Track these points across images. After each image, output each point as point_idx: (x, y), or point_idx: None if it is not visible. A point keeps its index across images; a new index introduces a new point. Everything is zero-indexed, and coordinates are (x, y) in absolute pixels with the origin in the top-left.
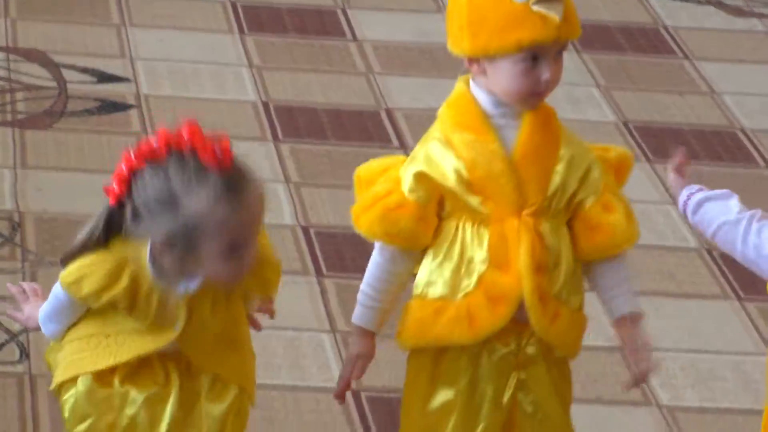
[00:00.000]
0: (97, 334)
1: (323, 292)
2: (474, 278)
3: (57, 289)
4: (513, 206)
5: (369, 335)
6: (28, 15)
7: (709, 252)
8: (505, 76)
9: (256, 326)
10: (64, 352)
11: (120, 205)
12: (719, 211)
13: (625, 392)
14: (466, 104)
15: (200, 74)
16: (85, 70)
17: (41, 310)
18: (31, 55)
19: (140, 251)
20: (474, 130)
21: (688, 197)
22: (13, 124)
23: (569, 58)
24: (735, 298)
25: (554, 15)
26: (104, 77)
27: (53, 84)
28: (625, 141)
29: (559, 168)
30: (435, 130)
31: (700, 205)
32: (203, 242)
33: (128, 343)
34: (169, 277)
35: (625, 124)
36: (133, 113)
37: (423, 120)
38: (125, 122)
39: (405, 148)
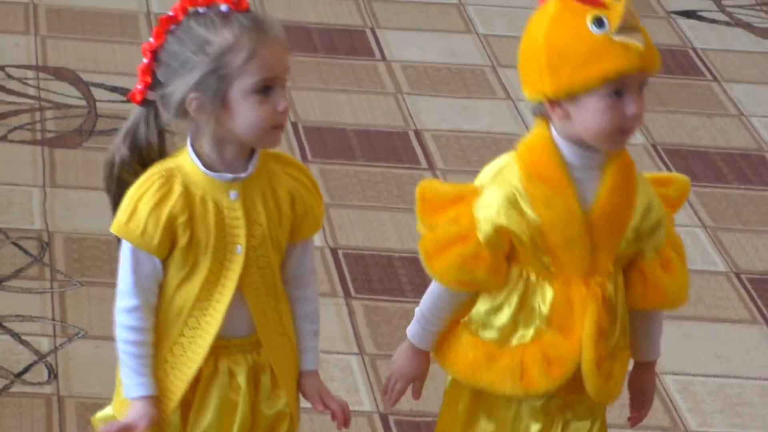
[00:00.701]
0: (163, 342)
1: (351, 314)
2: (531, 331)
3: (121, 258)
4: (582, 270)
5: (423, 355)
6: (58, 33)
7: (738, 276)
8: (590, 113)
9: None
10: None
11: (146, 105)
12: None
13: (655, 418)
14: (546, 153)
15: None
16: (114, 89)
17: (117, 297)
18: (61, 74)
19: (181, 157)
20: (553, 183)
21: None
22: (43, 142)
23: None
24: (764, 323)
25: (637, 43)
26: None
27: (82, 102)
28: (654, 163)
29: (633, 224)
30: (513, 175)
31: None
32: (234, 81)
33: (202, 323)
34: (215, 160)
35: (654, 147)
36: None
37: (451, 141)
38: None
39: (433, 169)
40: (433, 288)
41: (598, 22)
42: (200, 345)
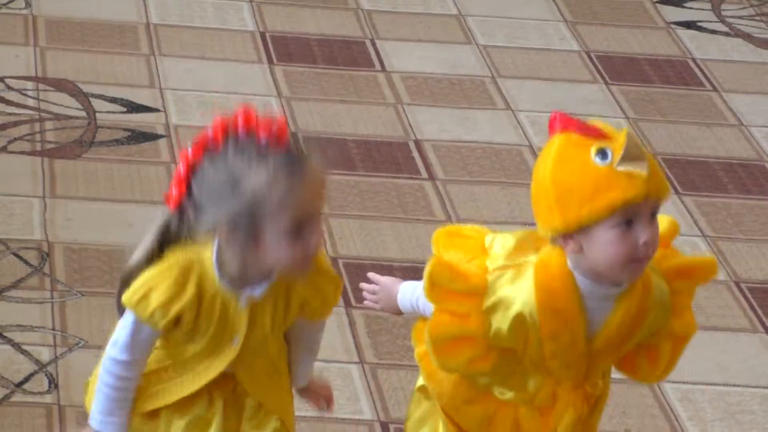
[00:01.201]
0: (152, 372)
1: (352, 324)
2: (511, 395)
3: (125, 318)
4: (574, 383)
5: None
6: (57, 45)
7: (738, 285)
8: (601, 244)
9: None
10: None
11: (179, 210)
12: None
13: (655, 426)
14: (563, 284)
15: (229, 104)
16: (114, 100)
17: (110, 344)
18: (61, 85)
19: (204, 253)
20: (565, 318)
21: None
22: (43, 153)
23: (597, 89)
24: (764, 332)
25: (641, 171)
26: (133, 107)
27: (82, 114)
28: None
29: (634, 341)
30: (528, 297)
31: None
32: (267, 221)
33: (186, 377)
34: (235, 277)
35: (654, 157)
36: (163, 143)
37: (452, 151)
38: (155, 152)
39: (433, 179)
40: (429, 312)
41: (602, 154)
42: (184, 388)
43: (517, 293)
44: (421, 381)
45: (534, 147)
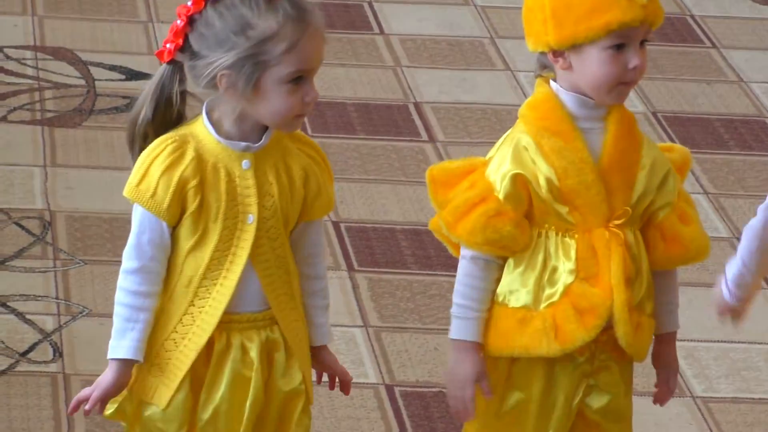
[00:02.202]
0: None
1: (355, 288)
2: (559, 288)
3: (133, 213)
4: (601, 217)
5: (474, 350)
6: (55, 13)
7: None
8: (592, 64)
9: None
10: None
11: (173, 64)
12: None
13: (643, 381)
14: (551, 107)
15: None
16: (113, 68)
17: (124, 253)
18: (59, 54)
19: (195, 126)
20: (562, 135)
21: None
22: (42, 122)
23: None
24: (767, 288)
25: None
26: (132, 74)
27: (81, 82)
28: (654, 131)
29: (642, 175)
30: (521, 132)
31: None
32: (270, 67)
33: (212, 293)
34: (230, 133)
35: (654, 114)
36: None
37: (451, 113)
38: None
39: (434, 141)
40: (462, 268)
41: None
42: (211, 315)
43: (512, 139)
44: None
45: None
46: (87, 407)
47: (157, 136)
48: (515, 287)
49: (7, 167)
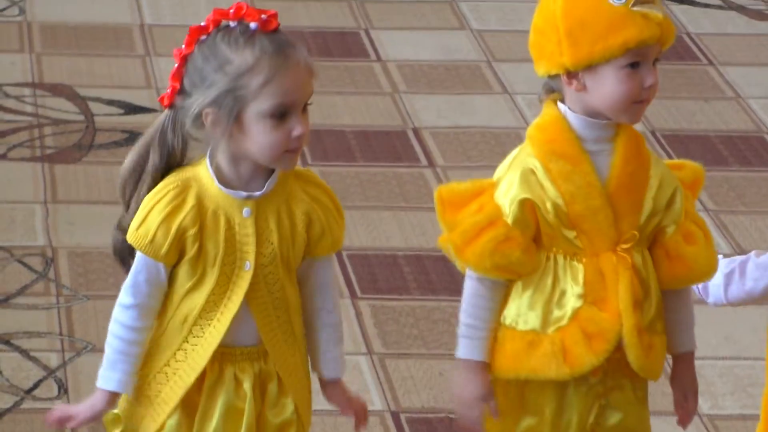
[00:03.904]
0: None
1: (358, 315)
2: (568, 312)
3: (135, 260)
4: (608, 241)
5: (481, 370)
6: (53, 50)
7: None
8: (609, 83)
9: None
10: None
11: (172, 109)
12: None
13: (666, 401)
14: (559, 128)
15: None
16: (111, 102)
17: (122, 288)
18: (57, 90)
19: (199, 169)
20: (570, 159)
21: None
22: (42, 159)
23: None
24: None
25: (657, 12)
26: (131, 108)
27: (80, 117)
28: (654, 149)
29: (649, 195)
30: (528, 155)
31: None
32: (250, 101)
33: (206, 332)
34: (231, 179)
35: (653, 133)
36: None
37: (450, 138)
38: None
39: (433, 166)
40: (469, 288)
41: None
42: (202, 353)
43: (519, 162)
44: None
45: None
46: (72, 425)
47: (163, 178)
48: (523, 310)
49: (8, 205)
